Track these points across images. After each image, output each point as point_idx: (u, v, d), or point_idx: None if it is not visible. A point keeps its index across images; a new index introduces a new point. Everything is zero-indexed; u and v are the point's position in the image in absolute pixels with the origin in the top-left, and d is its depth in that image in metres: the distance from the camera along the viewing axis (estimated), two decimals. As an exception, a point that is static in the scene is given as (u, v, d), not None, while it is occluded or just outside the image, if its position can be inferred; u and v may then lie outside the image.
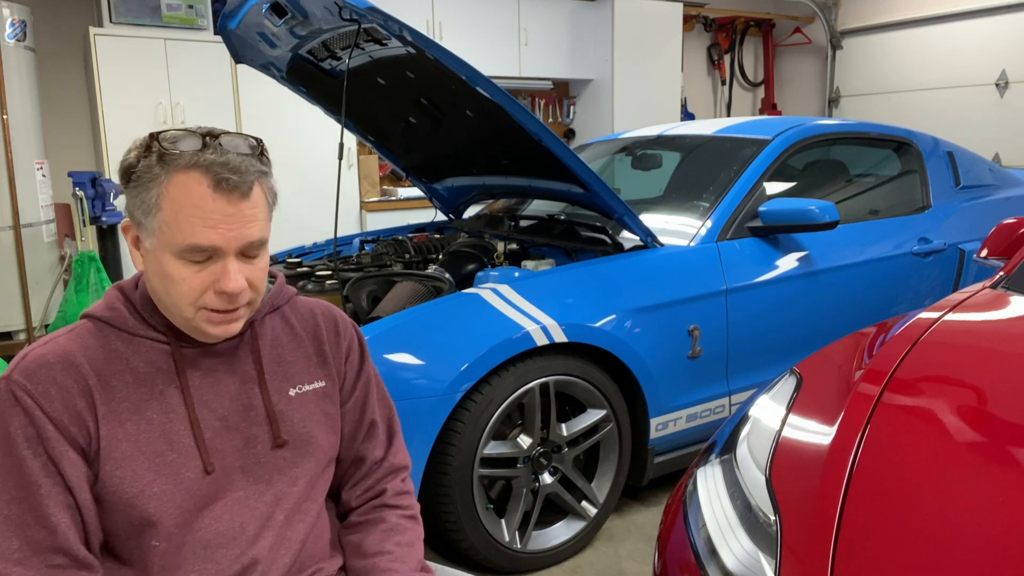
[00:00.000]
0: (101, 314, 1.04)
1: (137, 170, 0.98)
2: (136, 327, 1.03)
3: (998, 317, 1.72)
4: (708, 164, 3.00)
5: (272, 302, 1.14)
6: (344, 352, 1.20)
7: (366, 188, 5.45)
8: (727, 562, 1.20)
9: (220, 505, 1.04)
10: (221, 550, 1.03)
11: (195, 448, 1.02)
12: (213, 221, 0.95)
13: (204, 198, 0.95)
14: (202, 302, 0.99)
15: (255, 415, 1.08)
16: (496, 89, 2.12)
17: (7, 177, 4.16)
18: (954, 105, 6.59)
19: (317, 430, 1.13)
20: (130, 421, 1.00)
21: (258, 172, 1.00)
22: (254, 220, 0.99)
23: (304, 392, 1.13)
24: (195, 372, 1.05)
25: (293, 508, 1.10)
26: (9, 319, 4.31)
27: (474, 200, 3.43)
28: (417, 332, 2.06)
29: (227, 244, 0.96)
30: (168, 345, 1.04)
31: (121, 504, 0.98)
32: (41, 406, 0.95)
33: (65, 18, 4.87)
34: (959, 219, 3.23)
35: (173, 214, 0.95)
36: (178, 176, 0.95)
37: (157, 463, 1.00)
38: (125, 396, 1.00)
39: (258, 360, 1.10)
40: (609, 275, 2.35)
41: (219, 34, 2.67)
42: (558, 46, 6.11)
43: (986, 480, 1.14)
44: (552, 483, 2.26)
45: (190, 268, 0.97)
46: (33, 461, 0.94)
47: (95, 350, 1.01)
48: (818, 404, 1.45)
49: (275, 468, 1.09)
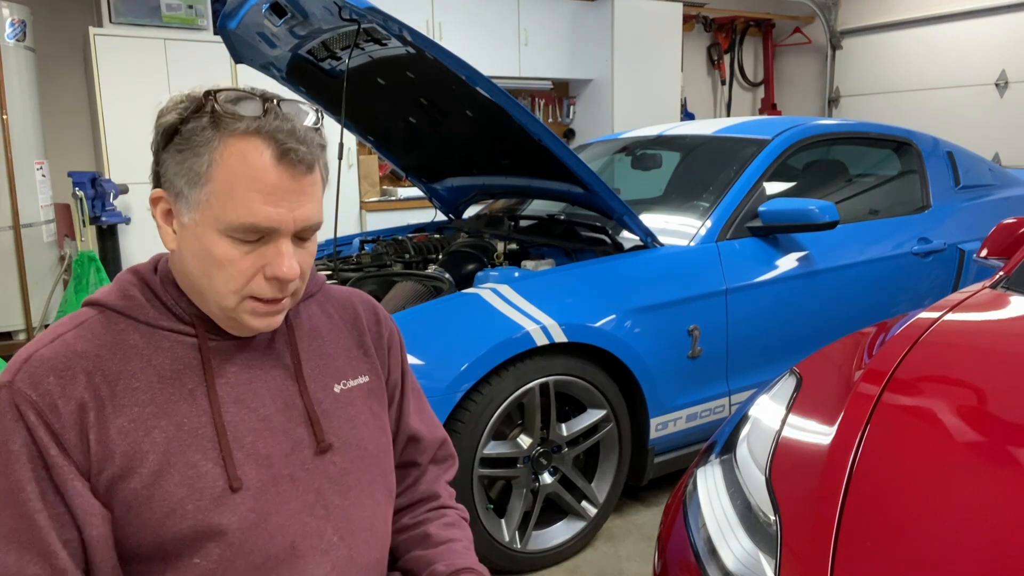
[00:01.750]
0: (114, 303, 0.89)
1: (183, 131, 0.84)
2: (158, 318, 0.89)
3: (998, 317, 1.72)
4: (708, 164, 3.00)
5: (306, 290, 1.00)
6: (387, 343, 1.08)
7: (366, 188, 5.44)
8: (727, 562, 1.20)
9: (272, 522, 0.89)
10: (272, 574, 0.89)
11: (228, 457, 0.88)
12: (275, 197, 0.83)
13: (266, 170, 0.82)
14: (249, 290, 0.86)
15: (296, 415, 0.94)
16: (496, 89, 2.12)
17: (7, 177, 4.16)
18: (954, 105, 6.59)
19: (365, 432, 1.00)
20: (157, 428, 0.85)
21: (319, 145, 0.88)
22: (314, 198, 0.87)
23: (349, 388, 1.00)
24: (229, 368, 0.91)
25: (347, 527, 0.95)
26: (9, 319, 4.31)
27: (474, 200, 3.42)
28: (417, 332, 2.05)
29: (286, 224, 0.84)
30: (196, 338, 0.90)
31: (151, 525, 0.84)
32: (47, 421, 0.81)
33: (65, 18, 4.87)
34: (959, 219, 3.23)
35: (227, 186, 0.82)
36: (236, 143, 0.82)
37: (191, 476, 0.85)
38: (149, 400, 0.86)
39: (295, 351, 0.96)
40: (609, 275, 2.35)
41: (219, 34, 2.67)
42: (558, 46, 6.11)
43: (986, 480, 1.14)
44: (552, 483, 2.26)
45: (238, 249, 0.84)
46: (33, 486, 0.81)
47: (109, 348, 0.86)
48: (818, 404, 1.45)
49: (324, 476, 0.94)
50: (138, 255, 4.59)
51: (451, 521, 1.10)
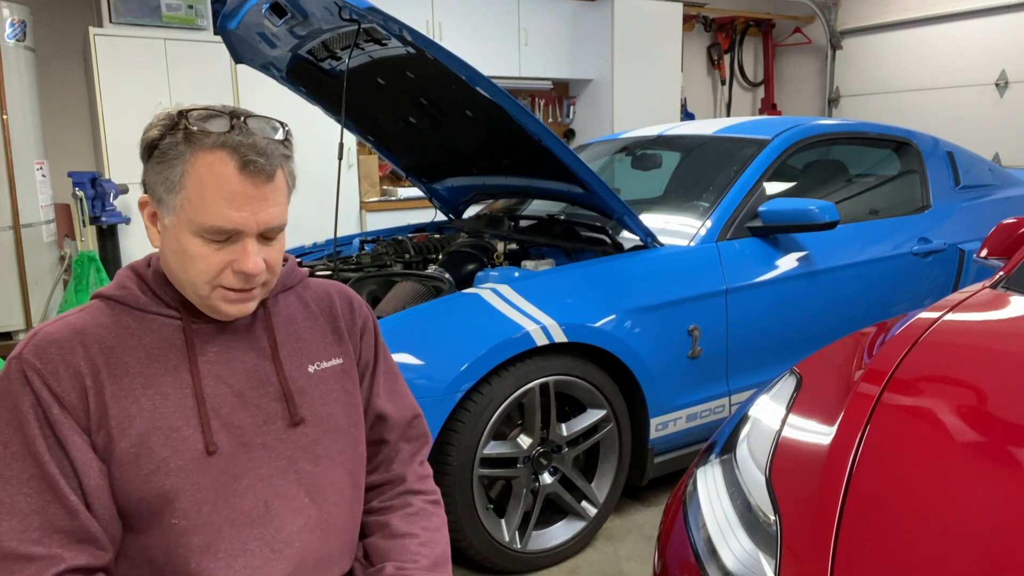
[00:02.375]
0: (112, 293, 1.03)
1: (161, 146, 0.97)
2: (148, 304, 1.03)
3: (998, 317, 1.72)
4: (708, 164, 2.99)
5: (284, 282, 1.14)
6: (360, 329, 1.19)
7: (366, 188, 5.44)
8: (727, 562, 1.20)
9: (243, 483, 1.02)
10: (247, 530, 1.01)
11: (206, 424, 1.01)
12: (237, 203, 0.95)
13: (229, 179, 0.95)
14: (219, 281, 0.99)
15: (272, 391, 1.06)
16: (496, 89, 2.12)
17: (7, 177, 4.16)
18: (954, 105, 6.59)
19: (337, 408, 1.12)
20: (145, 396, 0.98)
21: (282, 156, 1.00)
22: (276, 204, 0.99)
23: (323, 369, 1.12)
24: (210, 347, 1.04)
25: (318, 490, 1.08)
26: (9, 319, 4.31)
27: (474, 200, 3.42)
28: (417, 332, 2.06)
29: (249, 226, 0.97)
30: (180, 321, 1.03)
31: (138, 481, 0.97)
32: (49, 385, 0.94)
33: (65, 18, 4.87)
34: (959, 219, 3.23)
35: (197, 193, 0.95)
36: (204, 155, 0.95)
37: (174, 438, 0.98)
38: (139, 372, 0.99)
39: (272, 336, 1.09)
40: (609, 275, 2.35)
41: (219, 34, 2.67)
42: (558, 46, 6.11)
43: (986, 480, 1.14)
44: (552, 483, 2.26)
45: (209, 247, 0.97)
46: (42, 442, 0.94)
47: (106, 328, 1.00)
48: (818, 404, 1.45)
49: (296, 446, 1.07)
50: (138, 255, 4.57)
51: (415, 511, 1.19)
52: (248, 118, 0.99)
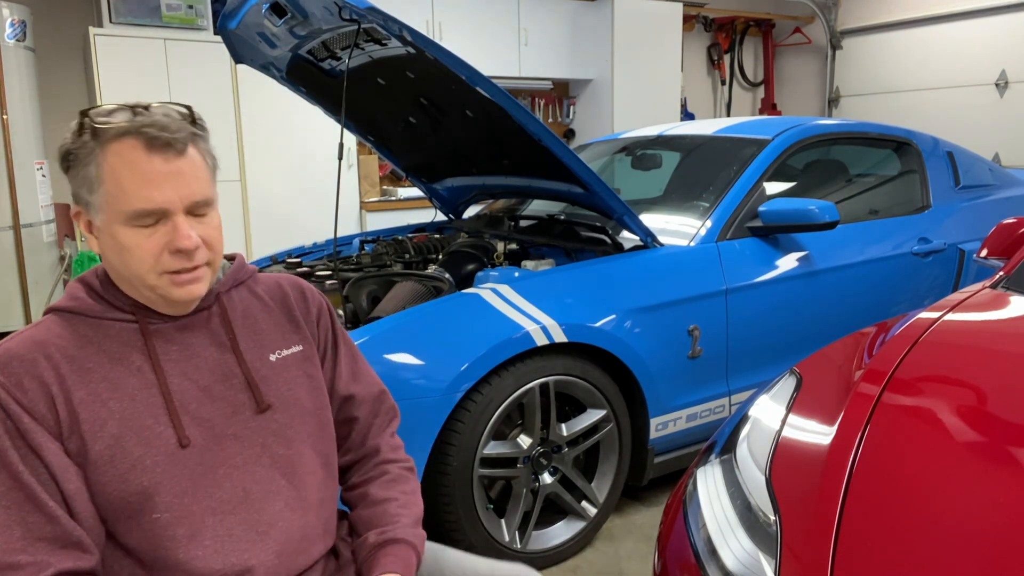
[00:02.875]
0: (65, 305, 1.05)
1: (72, 150, 0.99)
2: (102, 311, 1.04)
3: (998, 317, 1.73)
4: (708, 164, 2.99)
5: (235, 277, 1.16)
6: (315, 316, 1.22)
7: (366, 188, 5.44)
8: (727, 562, 1.20)
9: (220, 472, 1.05)
10: (230, 516, 1.04)
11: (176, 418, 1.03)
12: (154, 183, 0.97)
13: (140, 161, 0.96)
14: (160, 266, 0.99)
15: (237, 383, 1.09)
16: (496, 89, 2.12)
17: (7, 177, 4.16)
18: (954, 105, 6.59)
19: (301, 392, 1.15)
20: (113, 400, 1.00)
21: (190, 133, 1.01)
22: (195, 178, 1.00)
23: (284, 356, 1.15)
24: (170, 346, 1.06)
25: (293, 472, 1.11)
26: (9, 319, 4.31)
27: (474, 200, 3.42)
28: (417, 332, 2.05)
29: (172, 203, 0.98)
30: (136, 324, 1.05)
31: (116, 481, 0.98)
32: (16, 398, 0.95)
33: (65, 18, 4.87)
34: (959, 219, 3.23)
35: (114, 183, 0.97)
36: (112, 146, 0.97)
37: (146, 436, 1.00)
38: (103, 376, 1.01)
39: (229, 329, 1.11)
40: (609, 275, 2.35)
41: (219, 34, 2.67)
42: (558, 46, 6.11)
43: (986, 480, 1.14)
44: (552, 483, 2.26)
45: (142, 233, 0.98)
46: (14, 452, 0.94)
47: (65, 338, 1.01)
48: (818, 404, 1.45)
49: (267, 432, 1.10)
50: (138, 255, 4.59)
51: (392, 477, 1.22)
52: (150, 106, 1.00)
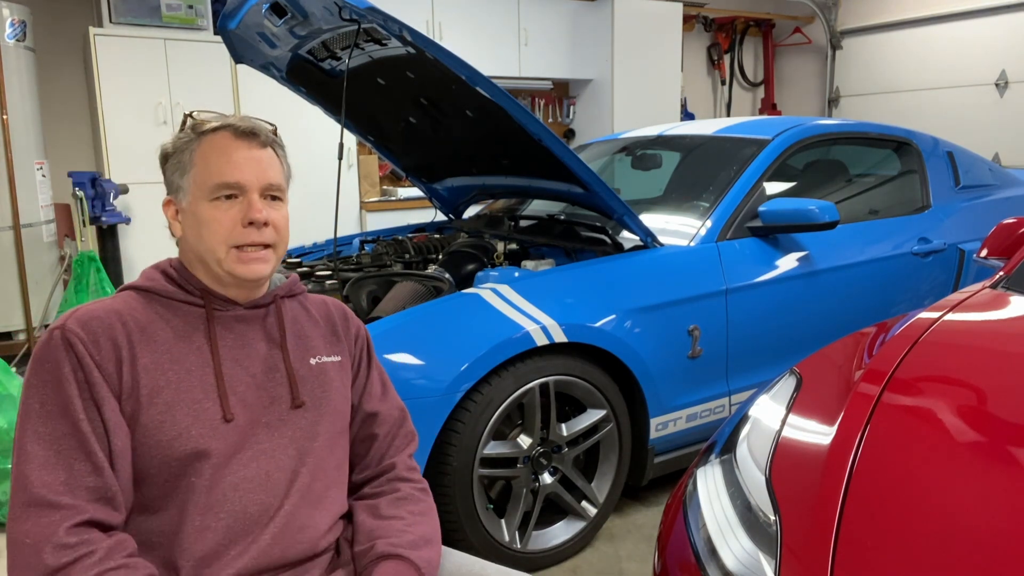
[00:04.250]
0: (142, 284, 1.18)
1: (175, 144, 1.16)
2: (175, 293, 1.16)
3: (998, 317, 1.73)
4: (708, 164, 3.00)
5: (290, 288, 1.29)
6: (354, 335, 1.33)
7: (366, 188, 5.44)
8: (727, 562, 1.20)
9: (248, 454, 1.13)
10: (249, 495, 1.12)
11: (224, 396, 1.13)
12: (236, 162, 1.13)
13: (227, 146, 1.14)
14: (232, 238, 1.12)
15: (279, 377, 1.20)
16: (496, 89, 2.12)
17: (7, 177, 4.16)
18: (954, 105, 6.59)
19: (334, 395, 1.25)
20: (171, 370, 1.11)
21: (273, 140, 1.19)
22: (271, 167, 1.16)
23: (323, 362, 1.26)
24: (228, 334, 1.17)
25: (316, 465, 1.19)
26: (9, 319, 4.31)
27: (474, 200, 3.42)
28: (417, 332, 2.06)
29: (249, 181, 1.13)
30: (204, 308, 1.17)
31: (162, 445, 1.07)
32: (91, 353, 1.06)
33: (65, 18, 4.87)
34: (959, 219, 3.23)
35: (204, 163, 1.13)
36: (208, 137, 1.15)
37: (195, 409, 1.10)
38: (167, 349, 1.12)
39: (282, 328, 1.23)
40: (609, 275, 2.35)
41: (219, 34, 2.67)
42: (558, 46, 6.11)
43: (986, 480, 1.14)
44: (552, 483, 2.26)
45: (220, 207, 1.13)
46: (79, 401, 1.04)
47: (139, 311, 1.13)
48: (818, 404, 1.45)
49: (296, 426, 1.19)
50: (138, 255, 4.59)
51: (402, 496, 1.28)
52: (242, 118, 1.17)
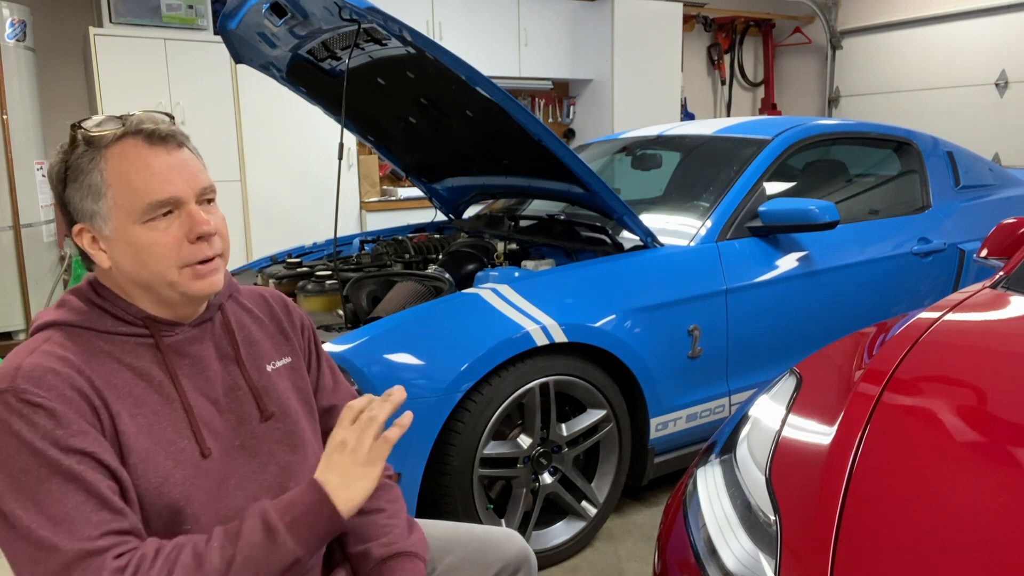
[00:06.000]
0: (70, 320, 1.02)
1: (70, 163, 0.99)
2: (115, 325, 1.03)
3: (998, 317, 1.72)
4: (708, 164, 2.99)
5: (228, 288, 1.18)
6: (299, 328, 1.25)
7: (366, 188, 5.44)
8: (727, 562, 1.20)
9: (232, 483, 1.07)
10: None
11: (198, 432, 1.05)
12: (162, 173, 0.98)
13: (144, 156, 0.98)
14: (182, 258, 1.00)
15: (242, 394, 1.12)
16: (496, 89, 2.12)
17: (7, 177, 4.16)
18: (954, 105, 6.59)
19: (295, 401, 1.19)
20: (140, 415, 1.00)
21: (183, 134, 1.04)
22: (196, 166, 1.03)
23: (278, 367, 1.19)
24: (183, 360, 1.07)
25: (299, 473, 1.14)
26: (9, 319, 4.31)
27: (474, 200, 3.42)
28: (417, 332, 2.05)
29: (183, 192, 0.99)
30: (151, 337, 1.05)
31: (148, 495, 0.98)
32: (63, 407, 0.93)
33: (65, 18, 4.87)
34: (959, 219, 3.23)
35: (123, 183, 0.97)
36: (113, 149, 0.98)
37: (172, 451, 1.01)
38: (129, 392, 1.00)
39: (233, 339, 1.13)
40: (609, 275, 2.35)
41: (219, 34, 2.67)
42: (558, 46, 6.11)
43: (986, 480, 1.14)
44: (552, 483, 2.26)
45: (158, 228, 0.99)
46: (68, 459, 0.91)
47: (83, 355, 0.99)
48: (818, 404, 1.45)
49: (271, 440, 1.12)
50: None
51: (379, 485, 1.20)
52: (133, 113, 1.02)
